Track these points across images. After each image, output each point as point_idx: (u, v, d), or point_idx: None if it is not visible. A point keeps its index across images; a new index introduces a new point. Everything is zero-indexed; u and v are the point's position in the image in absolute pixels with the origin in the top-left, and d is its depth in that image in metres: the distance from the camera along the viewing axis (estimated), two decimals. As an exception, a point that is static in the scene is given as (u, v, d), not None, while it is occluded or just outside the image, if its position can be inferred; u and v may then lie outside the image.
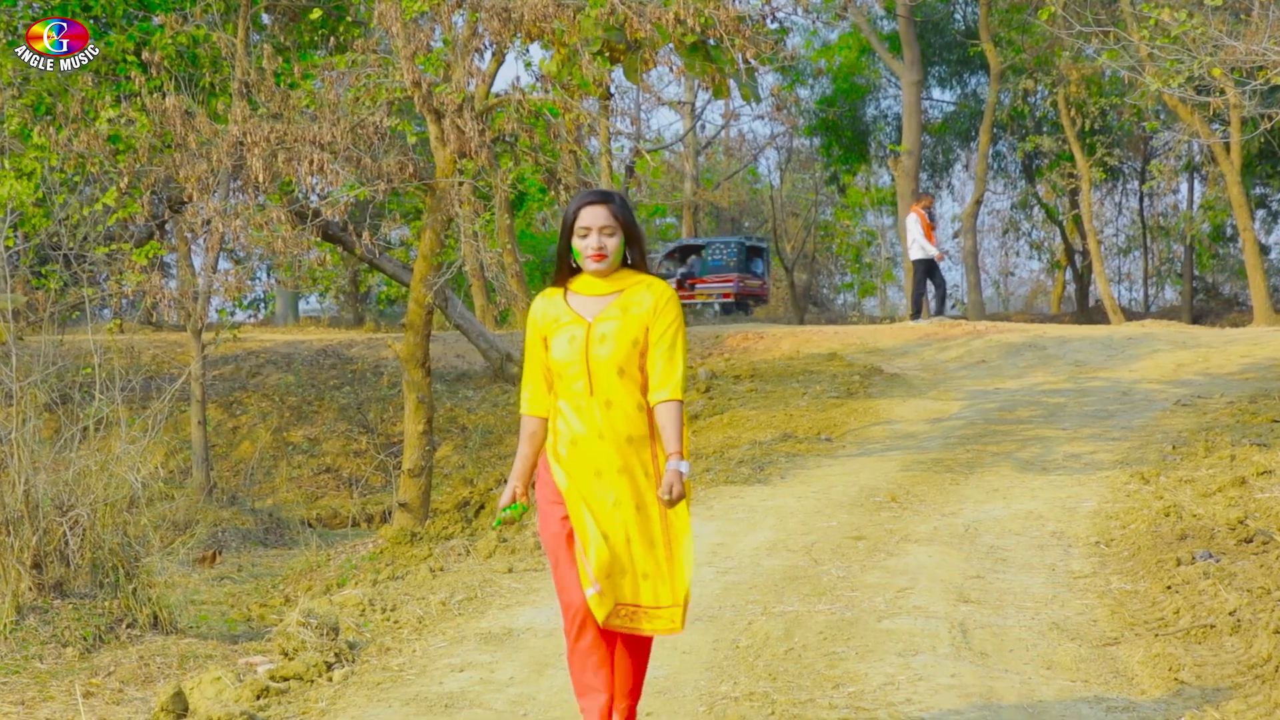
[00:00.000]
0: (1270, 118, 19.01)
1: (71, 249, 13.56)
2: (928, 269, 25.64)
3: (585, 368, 5.68)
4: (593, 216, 5.68)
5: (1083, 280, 37.87)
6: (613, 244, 5.69)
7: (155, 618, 8.95)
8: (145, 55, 13.95)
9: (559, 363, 5.72)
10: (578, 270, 5.81)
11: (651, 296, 5.74)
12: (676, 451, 5.59)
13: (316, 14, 15.07)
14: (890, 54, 33.82)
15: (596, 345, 5.68)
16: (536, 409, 5.85)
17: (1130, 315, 33.68)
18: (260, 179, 12.63)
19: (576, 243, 5.72)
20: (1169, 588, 8.57)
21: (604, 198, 5.76)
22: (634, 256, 5.81)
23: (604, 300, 5.76)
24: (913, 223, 25.49)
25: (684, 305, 31.30)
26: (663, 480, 5.57)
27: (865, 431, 15.77)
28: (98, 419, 10.00)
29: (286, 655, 7.77)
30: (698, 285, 34.93)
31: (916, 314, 26.00)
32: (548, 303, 5.83)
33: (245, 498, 17.46)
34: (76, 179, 14.59)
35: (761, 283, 35.35)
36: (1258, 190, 36.91)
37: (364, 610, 9.03)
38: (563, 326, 5.75)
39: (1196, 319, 34.03)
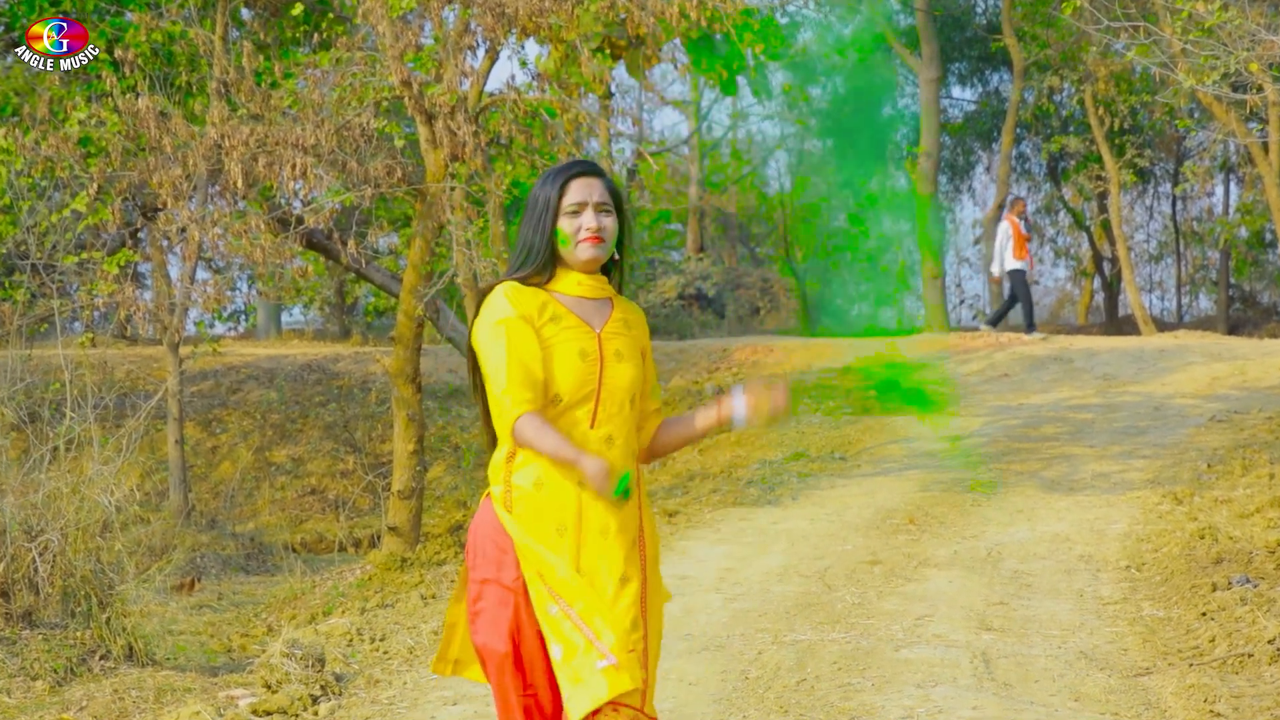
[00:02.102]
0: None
1: (40, 258, 13.57)
2: (1023, 278, 25.56)
3: (596, 392, 4.63)
4: (587, 189, 4.67)
5: (1112, 289, 37.84)
6: (611, 225, 4.69)
7: (130, 649, 8.96)
8: (118, 53, 13.96)
9: (568, 385, 4.59)
10: (552, 269, 4.72)
11: (638, 314, 4.86)
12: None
13: (299, 9, 15.09)
14: (907, 50, 33.83)
15: (612, 364, 4.66)
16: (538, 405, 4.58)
17: (1162, 326, 33.68)
18: (239, 184, 12.65)
19: (565, 224, 4.64)
20: (1204, 614, 8.58)
21: (595, 169, 4.76)
22: (621, 251, 4.82)
23: (599, 306, 4.74)
24: (1002, 231, 25.41)
25: None
26: (735, 403, 4.70)
27: (881, 450, 15.78)
28: (69, 438, 10.02)
29: (269, 688, 7.79)
30: None
31: (1030, 326, 25.83)
32: (529, 292, 4.66)
33: (225, 521, 17.47)
34: (44, 184, 14.61)
35: None
36: (1298, 192, 36.91)
37: (351, 640, 9.05)
38: (565, 329, 4.63)
39: (1233, 329, 34.01)
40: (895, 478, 13.99)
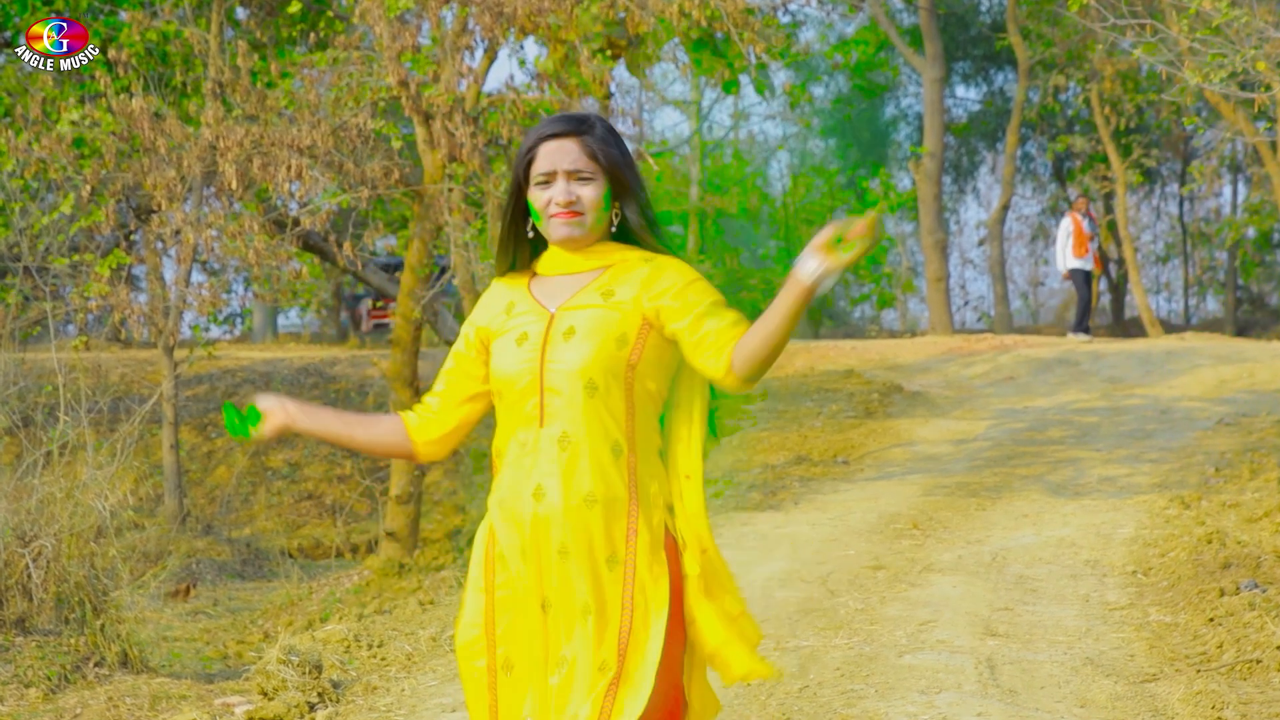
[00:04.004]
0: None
1: (33, 261, 13.58)
2: (1086, 278, 25.51)
3: (538, 381, 3.96)
4: (557, 154, 3.97)
5: (1118, 291, 37.85)
6: (590, 195, 3.97)
7: (125, 656, 8.95)
8: (111, 53, 13.98)
9: (503, 377, 4.01)
10: (542, 247, 4.12)
11: (650, 268, 4.01)
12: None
13: (295, 8, 15.10)
14: (911, 49, 33.85)
15: (558, 345, 3.95)
16: (410, 414, 4.23)
17: (1169, 328, 33.68)
18: (234, 185, 12.66)
19: (535, 196, 4.00)
20: (1211, 620, 8.58)
21: (575, 125, 4.02)
22: (630, 219, 4.04)
23: (579, 280, 4.04)
24: (1062, 229, 25.38)
25: (380, 324, 31.65)
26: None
27: (885, 453, 15.78)
28: (62, 443, 10.02)
29: (266, 695, 7.79)
30: (390, 304, 35.63)
31: (1079, 327, 25.70)
32: (503, 288, 4.15)
33: (221, 527, 17.46)
34: (35, 185, 14.62)
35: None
36: (1307, 192, 36.94)
37: (349, 647, 9.05)
38: (516, 316, 4.05)
39: (1241, 331, 34.03)
40: (898, 482, 13.99)
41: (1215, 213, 41.18)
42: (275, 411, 4.17)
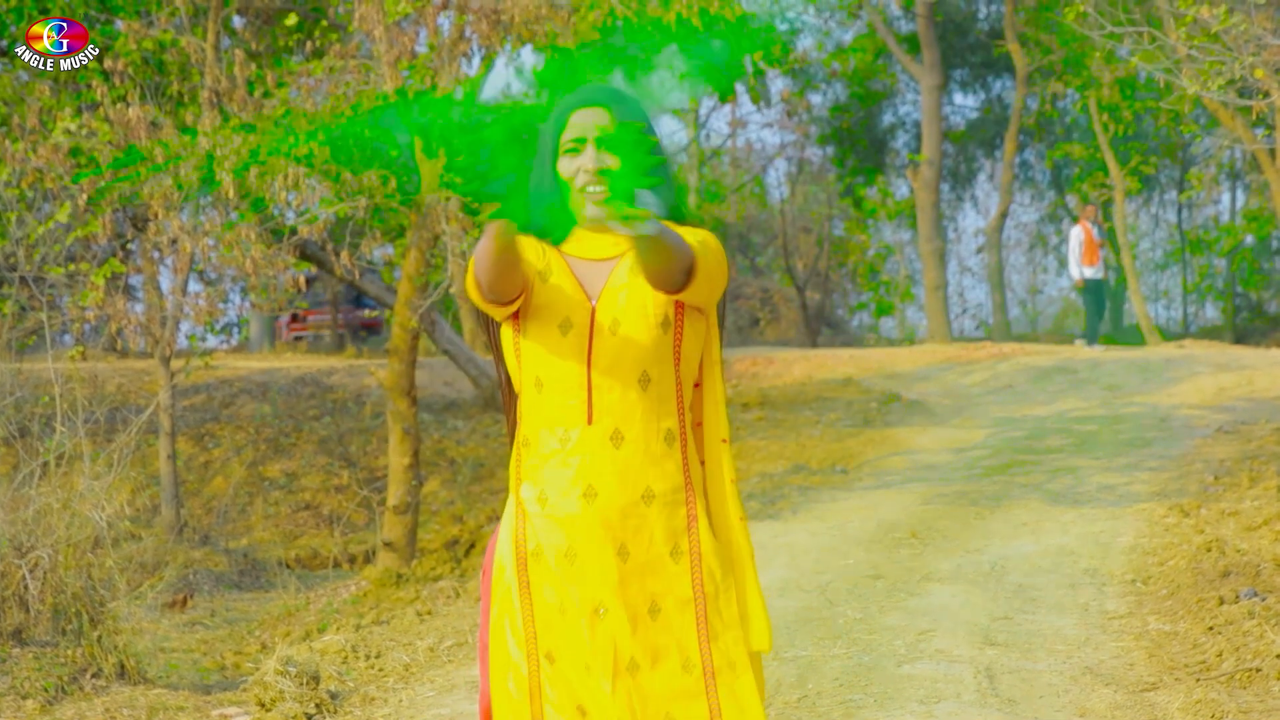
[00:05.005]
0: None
1: (29, 270, 13.57)
2: (1098, 287, 25.50)
3: (584, 377, 3.77)
4: (591, 121, 3.81)
5: (1117, 298, 37.88)
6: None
7: (122, 667, 8.95)
8: (108, 62, 13.98)
9: (546, 367, 3.81)
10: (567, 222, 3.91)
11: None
12: None
13: (293, 19, 15.10)
14: (909, 56, 33.87)
15: (605, 339, 3.77)
16: None
17: (1168, 335, 33.70)
18: (231, 194, 12.66)
19: (564, 165, 3.82)
20: (1211, 628, 8.58)
21: (608, 96, 3.85)
22: (662, 200, 3.78)
23: (608, 265, 3.86)
24: (1074, 236, 25.37)
25: (298, 336, 34.66)
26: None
27: (883, 462, 15.78)
28: (59, 453, 10.02)
29: (263, 706, 7.78)
30: (310, 317, 36.37)
31: (1090, 337, 25.66)
32: (531, 240, 3.87)
33: (218, 537, 17.45)
34: (31, 194, 14.61)
35: (376, 314, 36.88)
36: (1305, 199, 36.95)
37: (346, 657, 9.05)
38: (553, 289, 3.82)
39: (1240, 339, 34.05)
40: (897, 491, 13.98)
41: (1214, 220, 41.23)
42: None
